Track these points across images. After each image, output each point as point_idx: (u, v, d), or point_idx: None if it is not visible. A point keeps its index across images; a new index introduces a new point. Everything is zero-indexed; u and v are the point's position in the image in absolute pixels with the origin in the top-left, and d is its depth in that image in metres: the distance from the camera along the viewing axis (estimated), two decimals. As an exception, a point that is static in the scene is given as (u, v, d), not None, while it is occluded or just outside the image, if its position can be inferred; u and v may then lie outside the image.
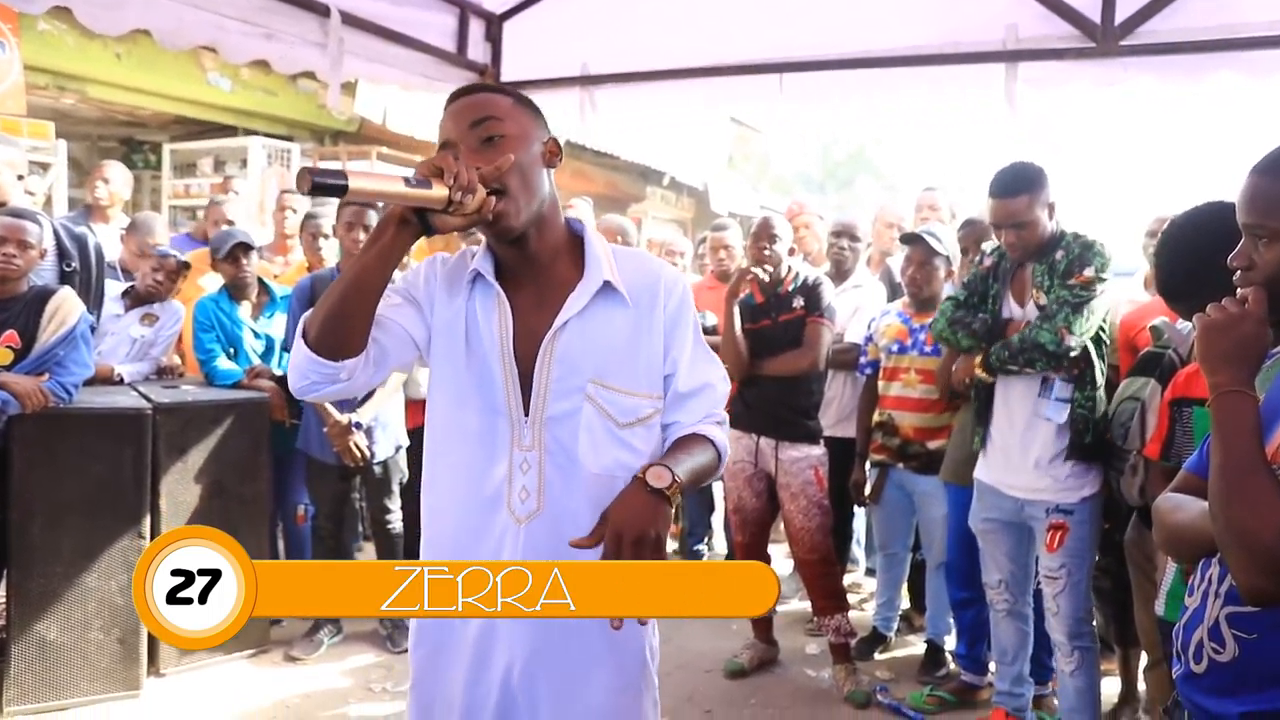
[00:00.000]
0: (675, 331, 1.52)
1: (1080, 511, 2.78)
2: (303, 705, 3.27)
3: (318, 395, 1.42)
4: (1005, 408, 2.88)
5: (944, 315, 3.01)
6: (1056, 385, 2.77)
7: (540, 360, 1.45)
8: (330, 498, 3.78)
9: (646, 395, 1.50)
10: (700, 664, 3.68)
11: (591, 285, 1.47)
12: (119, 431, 3.28)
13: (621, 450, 1.47)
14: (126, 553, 3.29)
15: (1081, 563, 2.80)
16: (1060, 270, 2.75)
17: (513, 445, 1.45)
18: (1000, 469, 2.91)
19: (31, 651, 3.16)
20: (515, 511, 1.45)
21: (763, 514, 3.63)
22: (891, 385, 3.62)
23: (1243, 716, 1.27)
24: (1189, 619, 1.39)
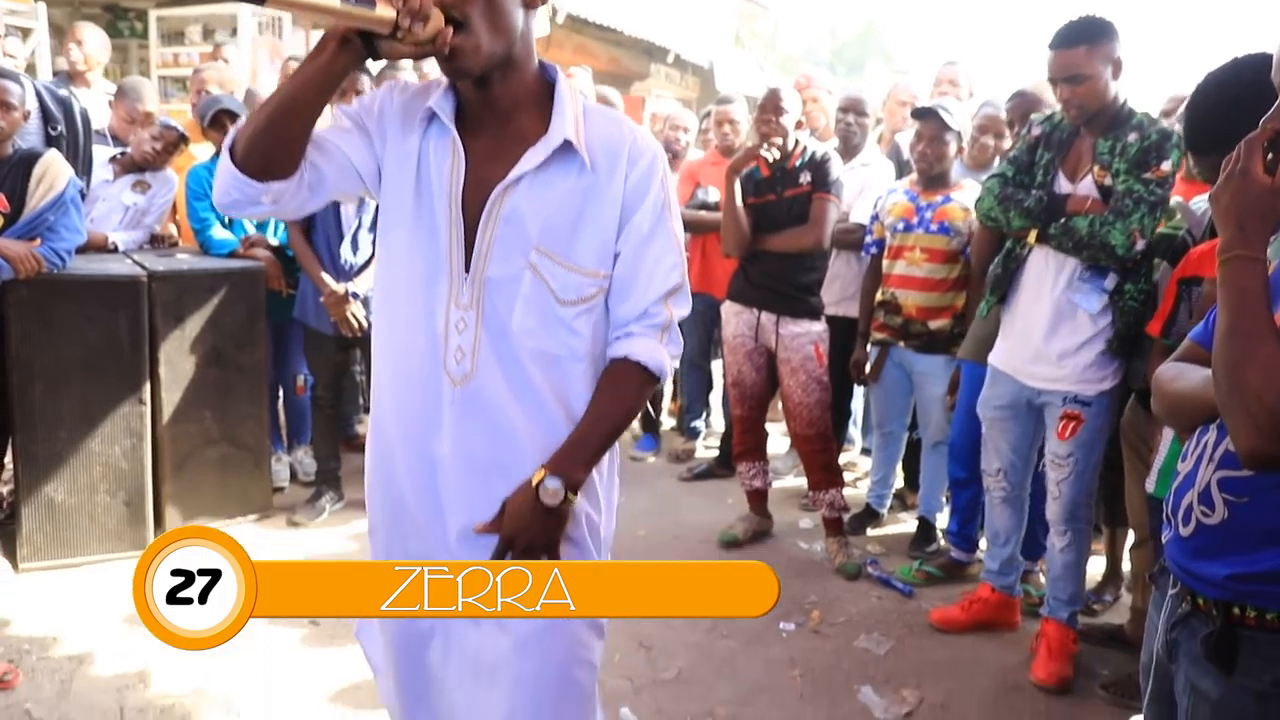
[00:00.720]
0: (635, 205, 1.39)
1: (1097, 404, 2.72)
2: (306, 567, 3.34)
3: (240, 214, 1.37)
4: (1036, 287, 2.74)
5: (991, 193, 2.80)
6: (1108, 277, 2.61)
7: (486, 215, 1.35)
8: (329, 368, 3.78)
9: (592, 273, 1.38)
10: (696, 535, 3.76)
11: (552, 142, 1.34)
12: (115, 298, 3.26)
13: (560, 330, 1.38)
14: (128, 418, 3.32)
15: (1090, 452, 2.77)
16: (1133, 155, 2.56)
17: (450, 301, 1.36)
18: (1019, 355, 2.80)
19: (41, 512, 3.22)
20: (451, 372, 1.37)
21: (762, 389, 3.65)
22: (896, 264, 3.58)
23: (1228, 579, 1.28)
24: (1180, 484, 1.40)
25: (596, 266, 1.38)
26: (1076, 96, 2.56)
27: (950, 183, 3.53)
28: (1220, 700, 1.28)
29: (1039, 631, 2.89)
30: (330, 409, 3.83)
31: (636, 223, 1.39)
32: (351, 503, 3.88)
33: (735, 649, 2.89)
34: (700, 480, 4.44)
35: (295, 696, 2.51)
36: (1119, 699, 2.67)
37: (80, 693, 2.48)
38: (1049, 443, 2.83)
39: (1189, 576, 1.34)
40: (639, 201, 1.39)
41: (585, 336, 1.40)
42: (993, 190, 2.80)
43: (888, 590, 3.36)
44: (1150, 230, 2.55)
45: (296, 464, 4.21)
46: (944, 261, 3.49)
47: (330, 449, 3.87)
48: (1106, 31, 2.56)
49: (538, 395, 1.39)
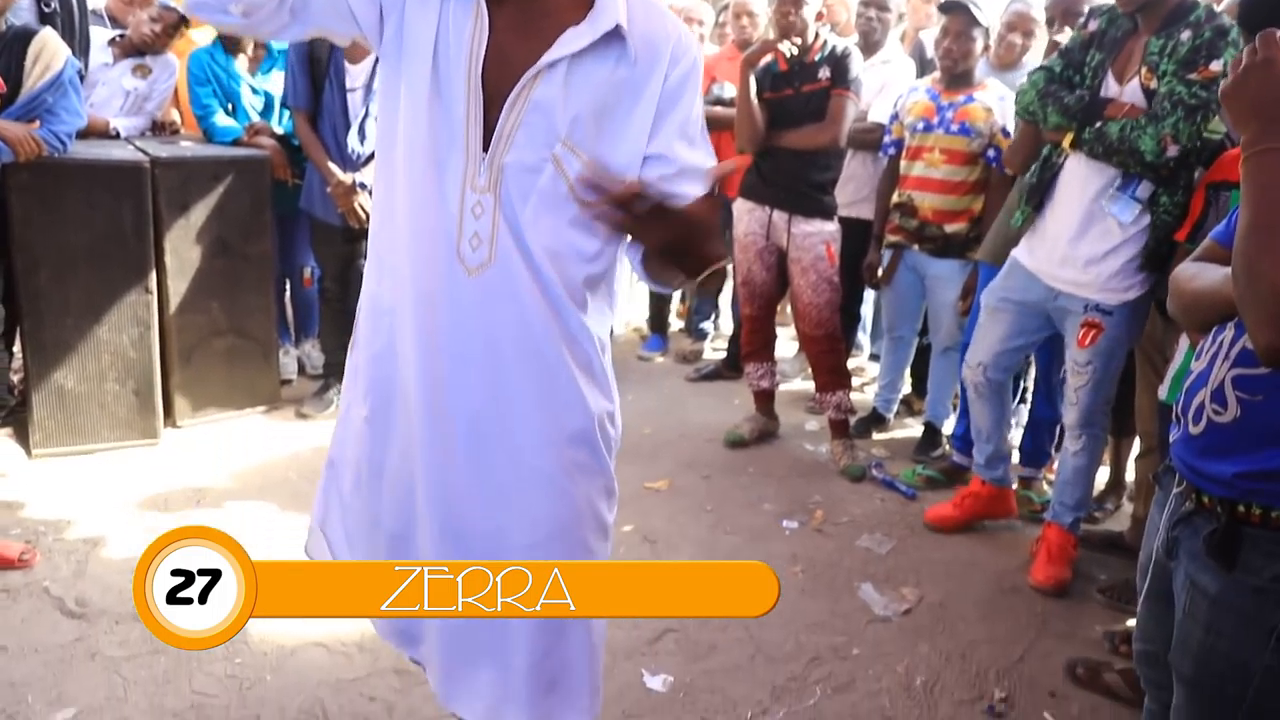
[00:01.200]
0: (670, 109, 1.29)
1: (1119, 313, 2.66)
2: (314, 458, 3.37)
3: (209, 19, 1.27)
4: (1069, 193, 2.66)
5: (1034, 86, 2.69)
6: (1140, 185, 2.53)
7: (514, 98, 1.23)
8: (336, 260, 3.75)
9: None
10: (701, 434, 3.78)
11: (601, 25, 1.22)
12: (118, 184, 3.21)
13: (575, 232, 1.29)
14: (135, 307, 3.31)
15: (1110, 360, 2.74)
16: (1183, 55, 2.42)
17: (466, 183, 1.25)
18: (1045, 257, 2.74)
19: (52, 400, 3.24)
20: (466, 260, 1.27)
21: (772, 288, 3.61)
22: (914, 165, 3.50)
23: (1236, 476, 1.28)
24: (1192, 382, 1.39)
25: (623, 169, 1.27)
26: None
27: (974, 82, 3.42)
28: (1219, 595, 1.29)
29: (1040, 536, 2.92)
30: (338, 302, 3.81)
31: (670, 129, 1.30)
32: (359, 396, 3.89)
33: (739, 545, 2.93)
34: (707, 381, 4.44)
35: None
36: (1115, 602, 2.71)
37: (96, 573, 2.53)
38: (1068, 350, 2.79)
39: (1195, 475, 1.34)
40: (674, 105, 1.29)
41: (596, 240, 1.31)
42: (1036, 84, 2.69)
43: (891, 493, 3.39)
44: (1187, 136, 2.42)
45: (304, 357, 4.22)
46: (963, 164, 3.41)
47: (338, 341, 3.86)
48: None
49: (554, 290, 1.30)
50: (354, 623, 2.34)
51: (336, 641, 2.29)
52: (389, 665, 2.18)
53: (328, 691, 2.10)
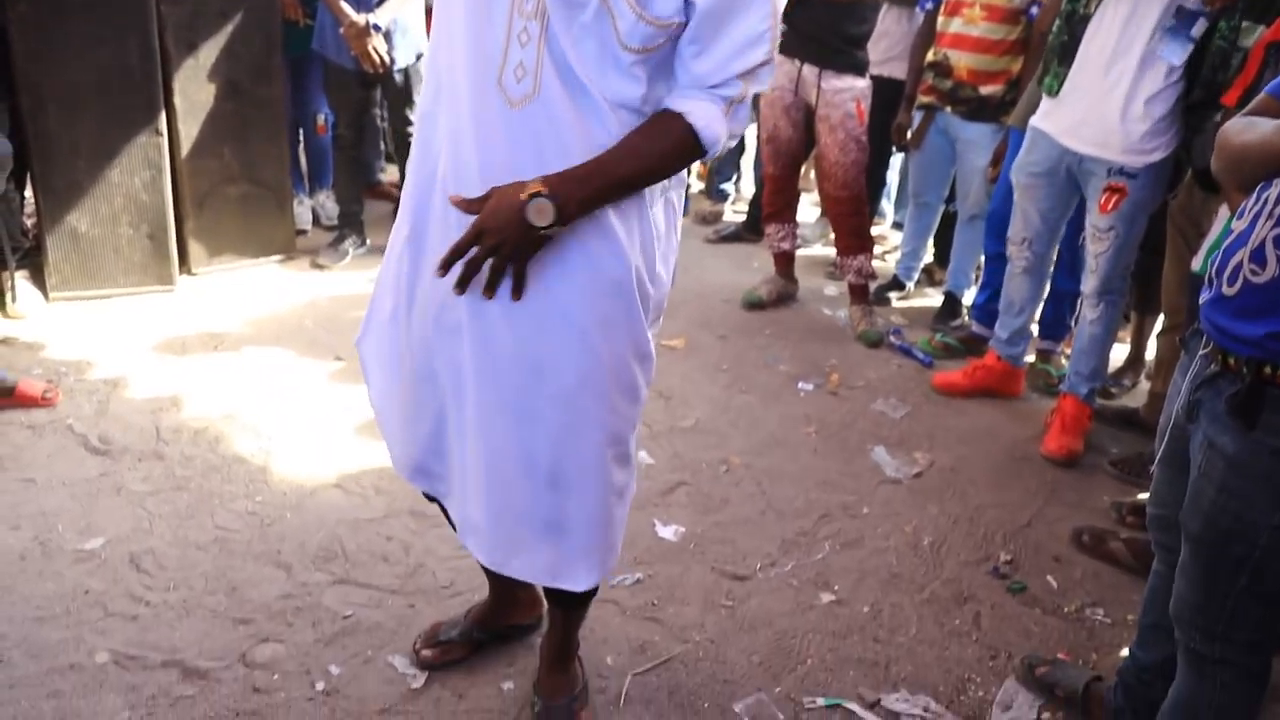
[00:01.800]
0: None
1: (1144, 176, 2.59)
2: (330, 307, 3.38)
3: None
4: (1097, 42, 2.56)
5: None
6: (1196, 22, 2.40)
7: None
8: (350, 106, 3.64)
9: (665, 24, 1.19)
10: (719, 294, 3.74)
11: None
12: (121, 18, 3.09)
13: (613, 75, 1.22)
14: (146, 149, 3.24)
15: (1132, 226, 2.68)
16: None
17: (513, 7, 1.19)
18: (1068, 116, 2.66)
19: (66, 243, 3.22)
20: (508, 91, 1.21)
21: (797, 146, 3.50)
22: (952, 22, 3.33)
23: (1268, 336, 1.26)
24: (1231, 243, 1.35)
25: (671, 16, 1.19)
26: None
27: (1024, -69, 3.22)
28: (1235, 455, 1.29)
29: (1055, 407, 2.91)
30: (352, 149, 3.73)
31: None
32: (375, 247, 3.86)
33: (753, 404, 2.94)
34: (726, 243, 4.38)
35: (322, 425, 2.59)
36: (1125, 475, 2.72)
37: (117, 413, 2.56)
38: (1090, 215, 2.73)
39: (1224, 336, 1.32)
40: None
41: (640, 86, 1.24)
42: None
43: (907, 359, 3.38)
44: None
45: (318, 207, 4.16)
46: (1003, 21, 3.25)
47: (352, 192, 3.80)
48: None
49: (599, 133, 1.24)
50: (372, 465, 2.38)
51: (354, 484, 2.33)
52: (405, 507, 2.22)
53: (346, 530, 2.15)
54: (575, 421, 1.35)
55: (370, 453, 2.42)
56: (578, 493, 1.39)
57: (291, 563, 2.03)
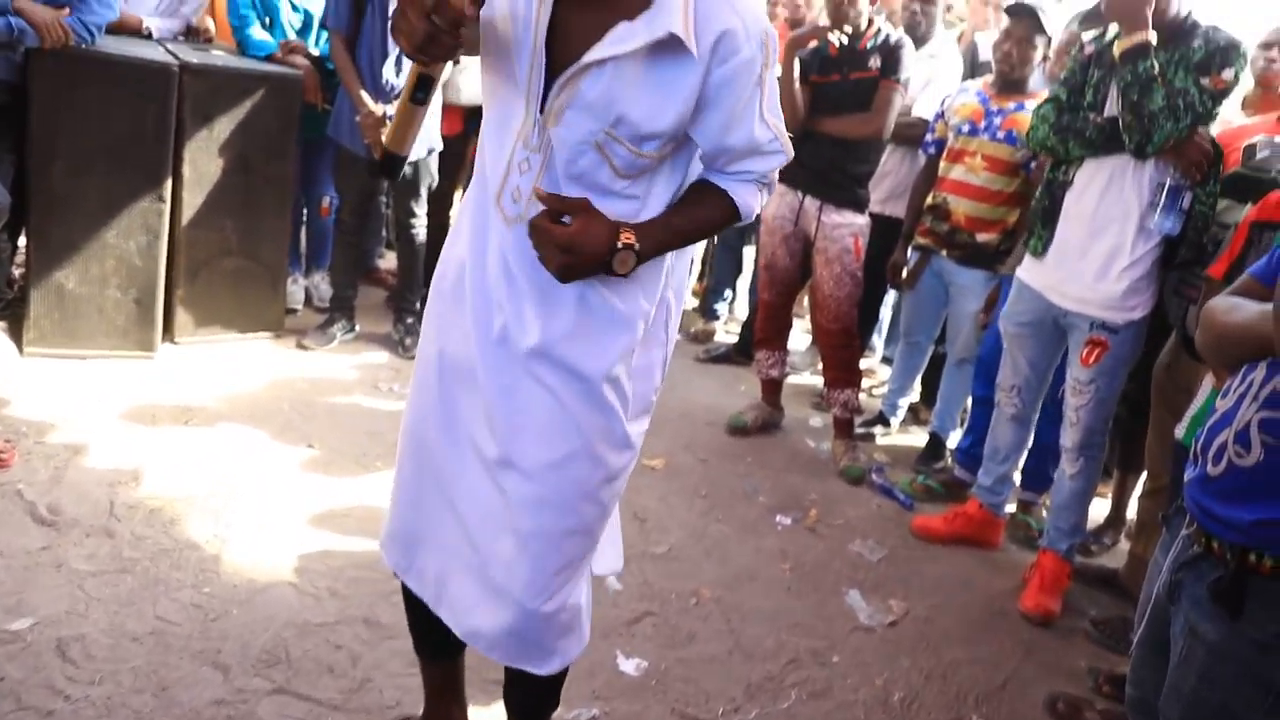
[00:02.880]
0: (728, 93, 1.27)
1: (1125, 332, 2.64)
2: (309, 390, 3.32)
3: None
4: (1080, 203, 2.64)
5: (1045, 121, 2.67)
6: (1184, 196, 2.50)
7: (564, 81, 1.26)
8: (357, 192, 3.66)
9: (655, 155, 1.31)
10: (704, 415, 3.70)
11: (656, 28, 1.20)
12: (143, 85, 3.12)
13: (611, 200, 1.32)
14: (146, 214, 3.23)
15: (1112, 380, 2.71)
16: (1197, 59, 2.43)
17: (518, 139, 1.32)
18: (1050, 273, 2.72)
19: (51, 299, 3.17)
20: (504, 209, 1.35)
21: (793, 275, 3.53)
22: (954, 168, 3.40)
23: (1254, 524, 1.23)
24: (1216, 421, 1.34)
25: (659, 149, 1.31)
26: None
27: (1027, 90, 3.32)
28: (1218, 644, 1.25)
29: (1034, 562, 2.87)
30: (353, 235, 3.74)
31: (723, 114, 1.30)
32: (363, 335, 3.83)
33: (728, 534, 2.87)
34: (715, 363, 4.37)
35: (284, 515, 2.50)
36: (1103, 639, 2.65)
37: (73, 482, 2.48)
38: (1071, 367, 2.76)
39: (1208, 518, 1.30)
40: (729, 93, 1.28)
41: (637, 203, 1.35)
42: (1047, 118, 2.68)
43: (888, 500, 3.33)
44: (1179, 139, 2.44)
45: (312, 288, 4.14)
46: (1004, 173, 3.32)
47: (348, 277, 3.79)
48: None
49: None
50: (330, 564, 2.29)
51: (309, 582, 2.24)
52: (359, 614, 2.13)
53: (293, 633, 2.05)
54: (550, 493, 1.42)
55: (330, 550, 2.33)
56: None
57: (230, 664, 1.92)
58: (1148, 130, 2.43)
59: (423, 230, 3.72)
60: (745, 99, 1.29)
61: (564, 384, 1.38)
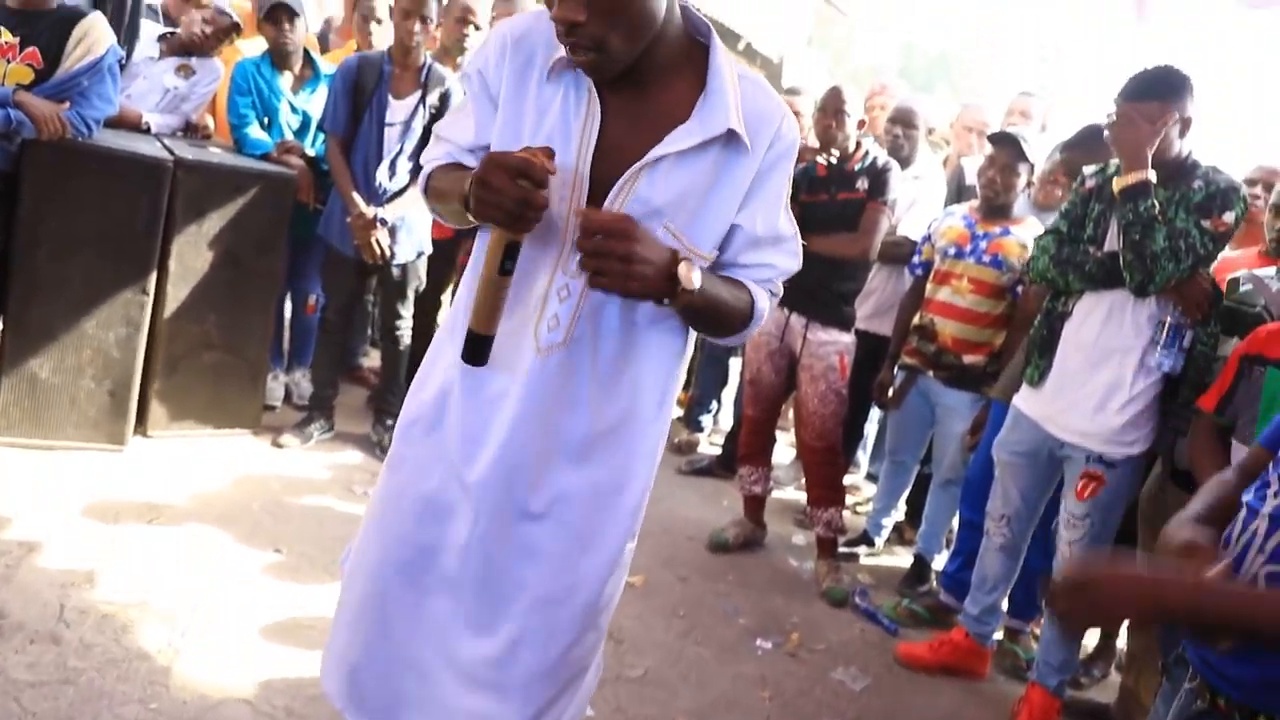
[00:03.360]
0: (762, 187, 1.33)
1: (1123, 467, 2.60)
2: (281, 491, 3.23)
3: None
4: (1079, 335, 2.63)
5: (1046, 252, 2.69)
6: (1185, 335, 2.50)
7: (618, 189, 1.26)
8: (343, 292, 3.66)
9: (705, 256, 1.34)
10: (684, 530, 3.62)
11: (712, 127, 1.25)
12: (136, 178, 3.13)
13: (659, 323, 1.35)
14: (128, 306, 3.20)
15: (1108, 515, 2.65)
16: (1198, 200, 2.45)
17: (557, 266, 1.29)
18: (1048, 403, 2.69)
19: (22, 386, 3.11)
20: (539, 339, 1.30)
21: (778, 391, 3.51)
22: (940, 289, 3.42)
23: (1263, 683, 1.17)
24: None
25: (711, 250, 1.34)
26: None
27: (1012, 215, 3.38)
28: None
29: (1023, 696, 2.77)
30: (337, 334, 3.71)
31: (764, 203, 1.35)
32: (340, 434, 3.76)
33: (706, 658, 2.76)
34: (698, 476, 4.31)
35: (244, 625, 2.39)
36: (1095, 780, 2.54)
37: (23, 582, 2.36)
38: (1065, 500, 2.71)
39: (1213, 673, 1.24)
40: (770, 181, 1.34)
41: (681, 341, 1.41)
42: (1048, 250, 2.70)
43: (872, 624, 3.23)
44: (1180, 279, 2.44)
45: (293, 385, 4.09)
46: (990, 296, 3.34)
47: (329, 375, 3.74)
48: (1181, 88, 2.48)
49: (616, 371, 1.35)
50: (290, 678, 2.18)
51: (266, 700, 2.11)
52: (316, 736, 2.01)
53: (244, 756, 1.92)
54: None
55: (291, 665, 2.21)
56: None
57: (172, 790, 1.80)
58: (1149, 270, 2.42)
59: (408, 333, 3.70)
60: (781, 187, 1.36)
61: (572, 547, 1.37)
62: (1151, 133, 2.43)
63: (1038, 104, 4.42)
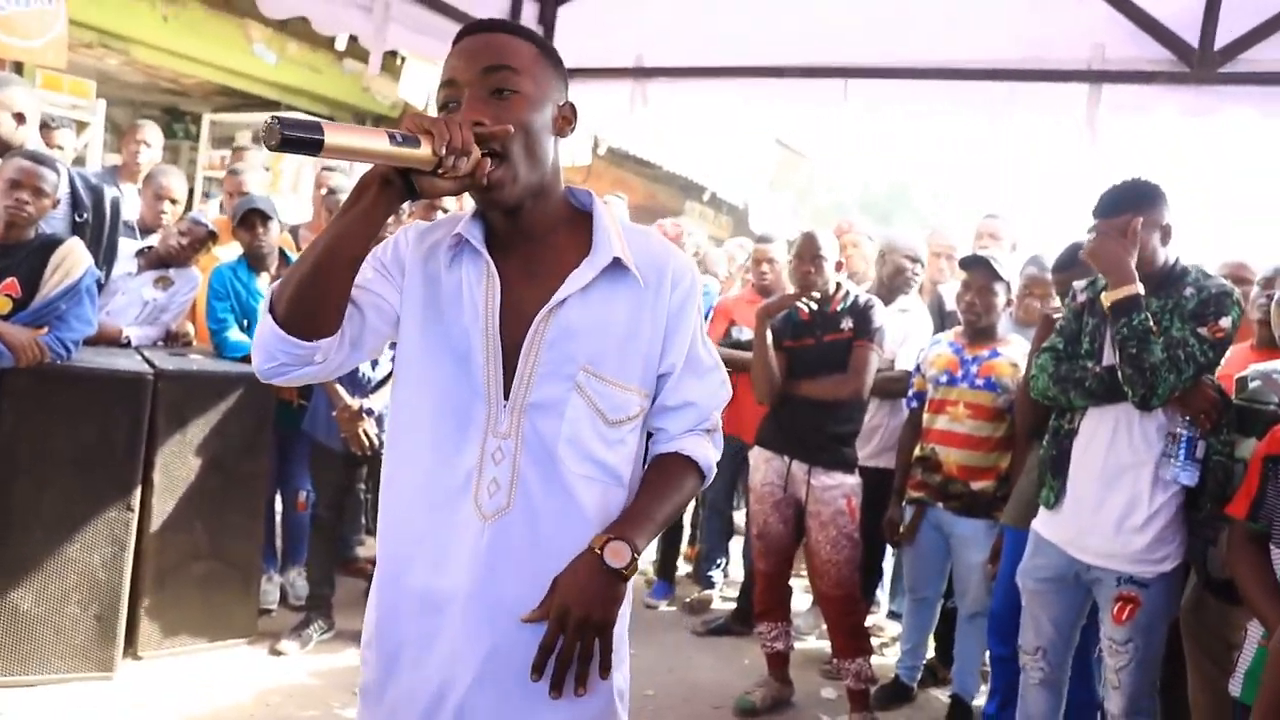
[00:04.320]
0: (676, 328, 1.37)
1: (1156, 585, 2.49)
2: (283, 704, 3.06)
3: (287, 379, 1.26)
4: (1089, 452, 2.57)
5: (1044, 371, 2.66)
6: (1198, 446, 2.42)
7: (529, 340, 1.29)
8: (333, 485, 3.59)
9: (638, 391, 1.35)
10: (708, 699, 3.44)
11: (600, 260, 1.30)
12: (116, 395, 3.10)
13: (607, 450, 1.33)
14: (113, 525, 3.11)
15: (1152, 638, 2.53)
16: (1191, 308, 2.43)
17: (487, 431, 1.29)
18: (1069, 526, 2.60)
19: (3, 620, 2.97)
20: (482, 507, 1.28)
21: (788, 541, 3.40)
22: (938, 418, 3.39)
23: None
24: None
25: (641, 385, 1.36)
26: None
27: (997, 337, 3.38)
28: None
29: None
30: (330, 529, 3.62)
31: (681, 342, 1.38)
32: (341, 633, 3.60)
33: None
34: (714, 635, 4.13)
35: None
36: None
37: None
38: (1104, 627, 2.57)
39: None
40: (682, 321, 1.37)
41: (630, 457, 1.36)
42: (1046, 368, 2.67)
43: (918, 779, 3.03)
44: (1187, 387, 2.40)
45: (288, 585, 3.96)
46: (989, 419, 3.30)
47: (325, 572, 3.62)
48: (1152, 197, 2.50)
49: (577, 527, 1.30)
50: None
51: None
52: None
53: None
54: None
55: None
56: None
57: None
58: (1151, 383, 2.38)
59: (403, 518, 3.60)
60: (694, 322, 1.39)
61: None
62: (1129, 245, 2.43)
63: (1005, 225, 4.51)
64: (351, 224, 1.20)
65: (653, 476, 1.39)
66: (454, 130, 1.15)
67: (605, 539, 1.27)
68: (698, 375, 1.41)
